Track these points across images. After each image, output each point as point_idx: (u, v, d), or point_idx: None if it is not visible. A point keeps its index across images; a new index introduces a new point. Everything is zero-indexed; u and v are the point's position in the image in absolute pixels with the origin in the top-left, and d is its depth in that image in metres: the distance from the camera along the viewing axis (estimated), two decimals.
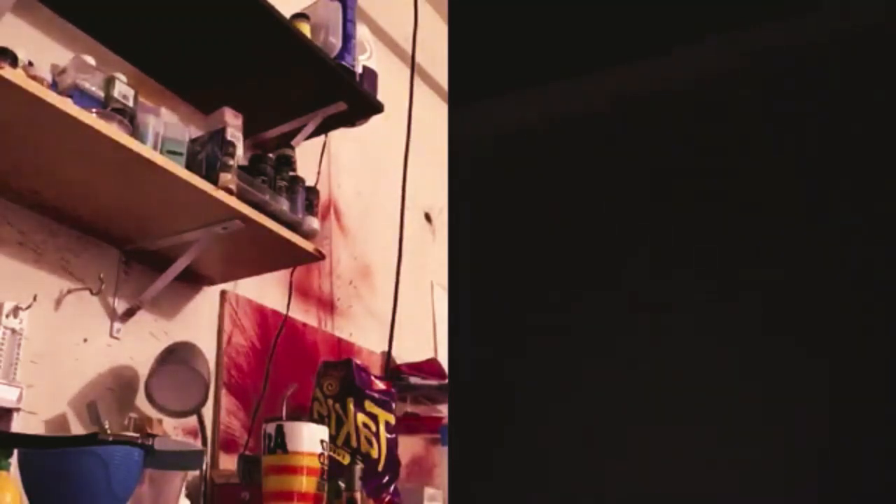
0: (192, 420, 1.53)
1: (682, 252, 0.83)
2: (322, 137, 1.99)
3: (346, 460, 1.40)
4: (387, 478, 1.47)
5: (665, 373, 0.82)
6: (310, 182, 1.69)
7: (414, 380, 1.95)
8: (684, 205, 0.83)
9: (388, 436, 1.48)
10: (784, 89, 0.82)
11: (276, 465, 1.28)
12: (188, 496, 1.33)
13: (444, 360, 2.15)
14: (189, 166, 1.36)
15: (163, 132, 1.36)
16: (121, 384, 1.46)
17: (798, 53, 0.81)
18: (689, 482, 0.80)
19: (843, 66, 0.80)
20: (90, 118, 1.18)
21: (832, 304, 0.78)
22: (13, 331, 1.17)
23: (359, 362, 1.52)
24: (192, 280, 1.65)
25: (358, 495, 1.31)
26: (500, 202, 0.89)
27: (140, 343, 1.52)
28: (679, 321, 0.82)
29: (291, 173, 1.63)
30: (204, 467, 1.52)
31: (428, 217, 2.74)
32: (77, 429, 1.36)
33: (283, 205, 1.55)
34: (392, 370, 1.93)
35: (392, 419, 1.51)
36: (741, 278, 0.81)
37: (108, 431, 1.21)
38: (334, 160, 2.23)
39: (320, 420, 1.43)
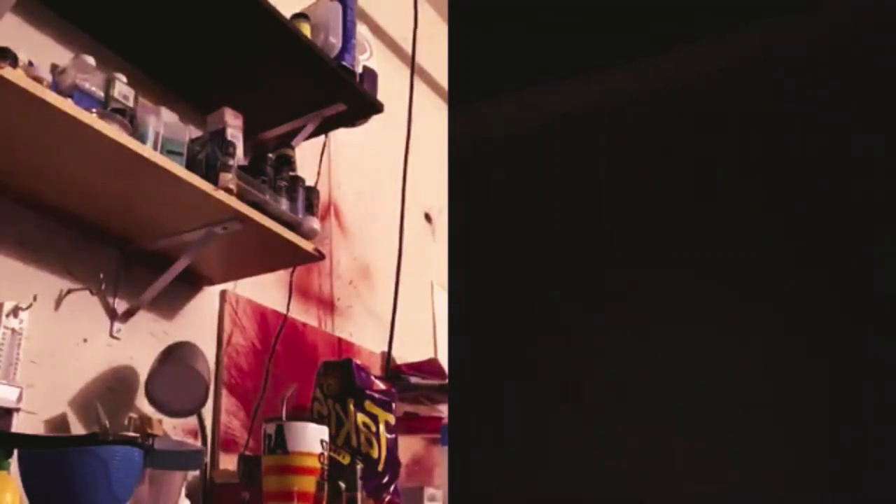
0: (192, 420, 1.53)
1: (683, 252, 0.83)
2: (322, 137, 1.99)
3: (346, 460, 1.40)
4: (387, 478, 1.46)
5: (667, 375, 0.82)
6: (310, 182, 1.69)
7: (414, 380, 1.95)
8: (686, 205, 0.83)
9: (388, 436, 1.48)
10: (785, 89, 0.82)
11: (276, 465, 1.28)
12: (188, 496, 1.33)
13: (444, 360, 2.15)
14: (189, 166, 1.36)
15: (163, 132, 1.36)
16: (121, 384, 1.46)
17: (799, 53, 0.81)
18: (691, 484, 0.80)
19: (845, 64, 0.80)
20: (90, 118, 1.18)
21: (838, 305, 0.78)
22: (13, 331, 1.17)
23: (359, 362, 1.52)
24: (192, 280, 1.65)
25: (358, 495, 1.31)
26: (500, 202, 0.89)
27: (140, 343, 1.52)
28: (680, 322, 0.82)
29: (291, 173, 1.63)
30: (204, 467, 1.52)
31: (428, 217, 2.74)
32: (77, 429, 1.36)
33: (283, 205, 1.55)
34: (392, 370, 1.93)
35: (392, 419, 1.50)
36: (742, 278, 0.81)
37: (109, 431, 1.21)
38: (334, 160, 2.23)
39: (320, 420, 1.43)
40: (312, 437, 1.30)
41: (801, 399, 0.78)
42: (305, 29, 1.72)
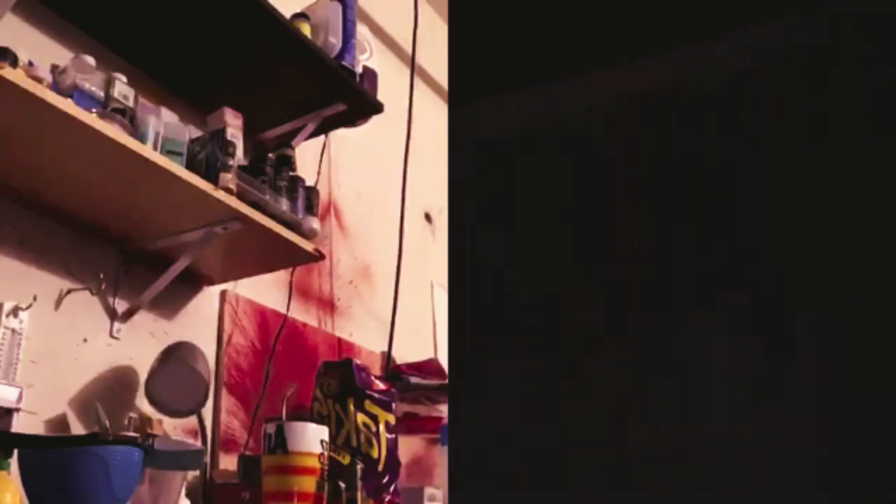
0: (192, 420, 1.53)
1: (683, 252, 0.83)
2: (322, 137, 1.99)
3: (346, 460, 1.40)
4: (387, 478, 1.46)
5: (667, 376, 0.82)
6: (310, 182, 1.69)
7: (414, 380, 1.95)
8: (686, 205, 0.83)
9: (388, 436, 1.48)
10: (785, 89, 0.82)
11: (276, 465, 1.28)
12: (188, 496, 1.33)
13: (444, 360, 2.15)
14: (189, 166, 1.36)
15: (163, 132, 1.36)
16: (121, 384, 1.46)
17: (799, 53, 0.81)
18: (688, 483, 0.81)
19: (845, 64, 0.80)
20: (90, 118, 1.18)
21: (827, 309, 0.78)
22: (13, 331, 1.17)
23: (359, 362, 1.52)
24: (192, 280, 1.65)
25: (358, 495, 1.31)
26: (501, 202, 0.89)
27: (140, 343, 1.52)
28: (679, 322, 0.83)
29: (291, 173, 1.63)
30: (204, 467, 1.52)
31: (428, 217, 2.74)
32: (77, 429, 1.36)
33: (283, 205, 1.55)
34: (392, 370, 1.93)
35: (392, 419, 1.50)
36: (739, 279, 0.81)
37: (109, 431, 1.21)
38: (334, 160, 2.23)
39: (320, 420, 1.43)
40: (312, 437, 1.30)
41: (795, 401, 0.78)
42: (305, 29, 1.72)
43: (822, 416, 0.78)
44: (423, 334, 2.54)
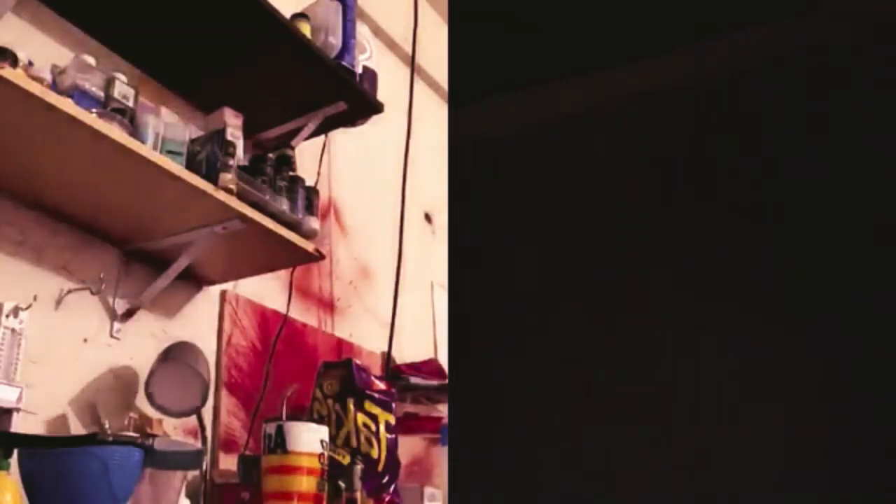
0: (192, 420, 1.53)
1: (681, 254, 0.83)
2: (322, 137, 1.99)
3: (346, 460, 1.40)
4: (387, 478, 1.47)
5: (667, 374, 0.82)
6: (310, 182, 1.69)
7: (414, 380, 1.95)
8: (685, 205, 0.83)
9: (388, 436, 1.48)
10: (784, 90, 0.82)
11: (276, 465, 1.28)
12: (188, 496, 1.33)
13: (444, 360, 2.15)
14: (189, 166, 1.36)
15: (163, 132, 1.36)
16: (121, 384, 1.46)
17: (799, 53, 0.81)
18: (688, 483, 0.80)
19: (845, 64, 0.80)
20: (90, 118, 1.18)
21: (825, 310, 0.78)
22: (13, 331, 1.17)
23: (359, 362, 1.52)
24: (192, 280, 1.65)
25: (358, 495, 1.31)
26: (500, 202, 0.89)
27: (140, 343, 1.52)
28: (678, 323, 0.83)
29: (291, 173, 1.63)
30: (204, 467, 1.52)
31: (428, 217, 2.74)
32: (77, 429, 1.36)
33: (283, 205, 1.55)
34: (392, 370, 1.93)
35: (392, 419, 1.51)
36: (741, 277, 0.81)
37: (109, 431, 1.21)
38: (334, 160, 2.23)
39: (320, 420, 1.43)
40: (312, 437, 1.30)
41: (797, 402, 0.78)
42: (305, 29, 1.72)
43: (821, 415, 0.78)
44: (423, 334, 2.54)
